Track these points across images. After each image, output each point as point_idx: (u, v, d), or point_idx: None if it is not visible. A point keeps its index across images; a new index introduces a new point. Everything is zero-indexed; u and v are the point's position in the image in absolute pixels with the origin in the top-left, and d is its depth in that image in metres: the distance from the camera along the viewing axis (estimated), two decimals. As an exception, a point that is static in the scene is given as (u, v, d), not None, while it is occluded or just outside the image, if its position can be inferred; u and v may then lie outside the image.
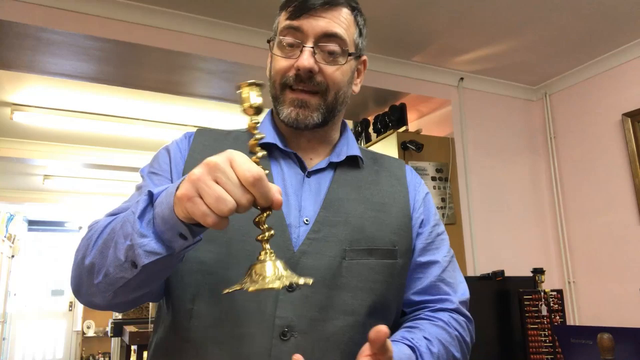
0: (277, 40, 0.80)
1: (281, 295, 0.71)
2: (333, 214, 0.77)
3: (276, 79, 0.80)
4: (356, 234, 0.77)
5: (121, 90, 3.08)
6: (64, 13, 2.15)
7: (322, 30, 0.77)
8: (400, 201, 0.85)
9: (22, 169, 4.93)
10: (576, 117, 3.09)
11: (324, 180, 0.82)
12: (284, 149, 0.83)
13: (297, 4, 0.78)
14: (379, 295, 0.76)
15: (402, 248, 0.81)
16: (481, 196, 2.99)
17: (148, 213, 0.62)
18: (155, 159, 0.85)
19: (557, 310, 1.48)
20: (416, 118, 3.29)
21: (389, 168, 0.90)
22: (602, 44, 2.77)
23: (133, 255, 0.61)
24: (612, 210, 2.83)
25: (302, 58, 0.76)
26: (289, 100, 0.79)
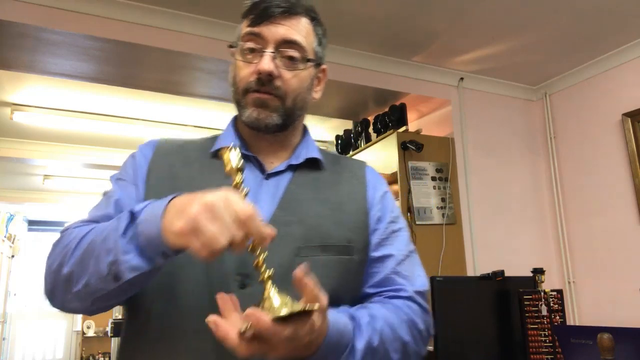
0: (238, 46, 0.84)
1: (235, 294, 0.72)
2: (288, 214, 0.80)
3: (239, 85, 0.83)
4: (310, 232, 0.79)
5: (121, 90, 3.08)
6: (64, 13, 2.15)
7: (281, 36, 0.81)
8: (358, 200, 0.88)
9: (22, 169, 4.93)
10: (576, 117, 3.09)
11: (282, 182, 0.85)
12: (244, 152, 0.85)
13: (257, 12, 0.82)
14: (331, 290, 0.75)
15: (358, 245, 0.83)
16: (481, 196, 2.99)
17: (130, 230, 0.65)
18: (123, 166, 0.89)
19: (557, 310, 1.48)
20: (416, 118, 3.29)
21: (350, 169, 0.93)
22: (602, 44, 2.77)
23: (116, 270, 0.64)
24: (612, 210, 2.83)
25: (262, 62, 0.79)
26: (251, 100, 0.82)
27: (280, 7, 0.82)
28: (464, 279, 2.07)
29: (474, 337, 1.53)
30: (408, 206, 2.67)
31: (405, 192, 2.68)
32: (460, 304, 1.52)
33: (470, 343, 1.52)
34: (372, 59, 2.83)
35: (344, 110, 3.28)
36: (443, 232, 2.72)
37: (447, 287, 1.52)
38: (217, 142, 0.89)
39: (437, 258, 2.67)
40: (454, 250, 2.75)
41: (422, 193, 2.73)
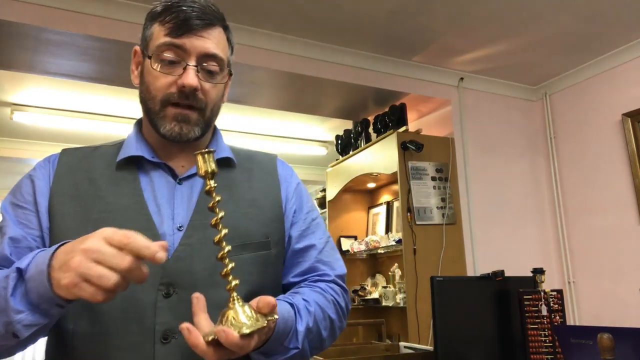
0: (155, 55, 0.81)
1: (159, 303, 0.74)
2: (205, 217, 0.79)
3: (156, 95, 0.81)
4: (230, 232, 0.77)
5: (121, 90, 3.08)
6: (64, 13, 2.15)
7: (204, 50, 0.81)
8: (272, 194, 0.89)
9: (22, 169, 4.93)
10: (576, 117, 3.09)
11: (196, 185, 0.84)
12: (152, 160, 0.84)
13: (177, 22, 0.80)
14: (255, 285, 0.80)
15: (275, 238, 0.86)
16: (481, 196, 2.99)
17: (20, 287, 0.64)
18: (18, 189, 0.83)
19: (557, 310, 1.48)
20: (416, 118, 3.29)
21: (261, 164, 0.93)
22: (602, 44, 2.77)
23: (13, 329, 0.64)
24: (612, 210, 2.83)
25: (188, 77, 0.79)
26: (172, 115, 0.81)
27: (201, 20, 0.81)
28: (464, 279, 2.07)
29: (473, 337, 1.53)
30: (408, 206, 2.67)
31: (405, 192, 2.68)
32: (460, 304, 1.52)
33: (470, 343, 1.52)
34: (372, 59, 2.83)
35: (344, 110, 3.28)
36: (443, 232, 2.72)
37: (447, 287, 1.52)
38: (123, 150, 0.86)
39: (437, 258, 2.67)
40: (454, 250, 2.75)
41: (422, 193, 2.73)
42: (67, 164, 0.84)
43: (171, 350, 0.73)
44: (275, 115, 3.71)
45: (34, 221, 0.79)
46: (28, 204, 0.80)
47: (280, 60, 2.59)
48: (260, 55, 2.53)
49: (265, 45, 2.53)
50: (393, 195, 3.31)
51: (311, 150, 4.47)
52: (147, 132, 0.88)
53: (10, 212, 0.80)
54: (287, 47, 2.58)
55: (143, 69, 0.84)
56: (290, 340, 0.75)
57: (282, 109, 3.27)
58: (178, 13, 0.80)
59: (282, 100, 3.10)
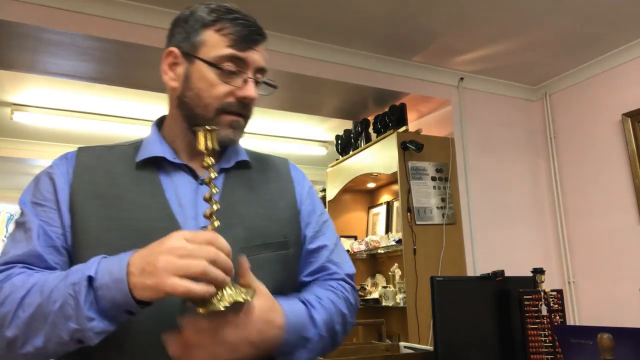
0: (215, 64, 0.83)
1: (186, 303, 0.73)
2: (228, 217, 0.81)
3: (212, 102, 0.83)
4: (251, 232, 0.83)
5: (121, 90, 3.08)
6: (64, 13, 2.15)
7: (259, 64, 0.86)
8: (287, 196, 0.93)
9: (22, 169, 4.93)
10: (576, 117, 3.09)
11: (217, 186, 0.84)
12: (174, 161, 0.86)
13: (241, 36, 0.84)
14: (277, 283, 0.82)
15: (292, 238, 0.89)
16: (481, 196, 2.99)
17: (89, 295, 0.65)
18: (37, 188, 0.82)
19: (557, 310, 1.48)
20: (416, 118, 3.29)
21: (275, 167, 0.97)
22: (602, 44, 2.77)
23: (81, 336, 0.65)
24: (612, 210, 2.83)
25: (250, 89, 0.84)
26: (227, 122, 0.84)
27: (260, 35, 0.87)
28: (464, 279, 2.07)
29: (474, 337, 1.53)
30: (408, 206, 2.67)
31: (405, 192, 2.68)
32: (460, 304, 1.52)
33: (470, 343, 1.52)
34: (372, 59, 2.83)
35: (344, 110, 3.28)
36: (443, 232, 2.72)
37: (447, 287, 1.51)
38: (143, 150, 0.87)
39: (437, 258, 2.67)
40: (454, 250, 2.75)
41: (422, 193, 2.73)
42: (85, 162, 0.85)
43: None
44: (275, 115, 3.70)
45: (55, 219, 0.79)
46: (48, 201, 0.80)
47: (280, 60, 2.59)
48: (260, 55, 2.53)
49: (265, 45, 2.52)
50: (393, 195, 3.31)
51: (311, 150, 4.47)
52: (172, 133, 0.90)
53: (31, 211, 0.79)
54: (287, 47, 2.58)
55: (190, 74, 0.85)
56: (309, 328, 0.78)
57: (282, 109, 3.27)
58: (240, 26, 0.84)
59: (282, 100, 3.10)
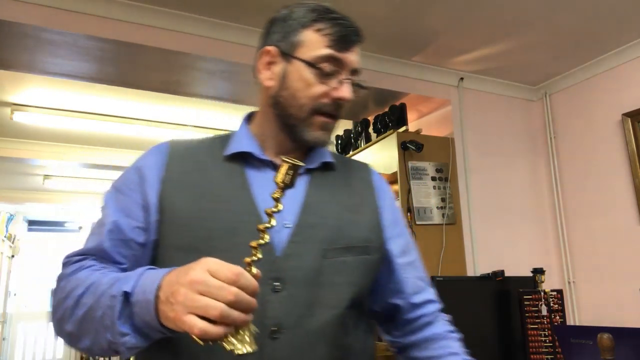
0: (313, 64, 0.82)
1: (268, 296, 0.74)
2: (312, 217, 0.82)
3: (306, 102, 0.83)
4: (334, 234, 0.82)
5: (121, 90, 3.08)
6: (64, 13, 2.15)
7: (355, 65, 0.85)
8: (370, 201, 0.92)
9: (22, 169, 4.93)
10: (576, 117, 3.09)
11: (301, 185, 0.85)
12: (260, 157, 0.86)
13: (340, 36, 0.83)
14: (359, 287, 0.82)
15: (375, 244, 0.87)
16: (481, 196, 2.99)
17: (125, 310, 0.65)
18: (123, 180, 0.84)
19: (557, 310, 1.48)
20: (416, 118, 3.29)
21: (357, 171, 0.96)
22: (602, 44, 2.77)
23: (115, 348, 0.66)
24: (612, 210, 2.83)
25: (346, 90, 0.84)
26: (320, 123, 0.84)
27: (358, 36, 0.86)
28: (464, 279, 2.07)
29: (474, 337, 1.53)
30: (408, 206, 2.67)
31: (405, 192, 2.68)
32: (460, 304, 1.52)
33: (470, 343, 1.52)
34: (372, 59, 2.83)
35: (343, 110, 3.27)
36: (443, 232, 2.72)
37: (447, 287, 1.52)
38: (231, 145, 0.87)
39: (437, 258, 2.67)
40: (454, 250, 2.75)
41: (422, 193, 2.73)
42: (177, 153, 0.86)
43: (279, 346, 0.73)
44: (275, 115, 3.70)
45: (135, 211, 0.79)
46: (133, 191, 0.81)
47: (280, 60, 2.58)
48: (260, 55, 2.53)
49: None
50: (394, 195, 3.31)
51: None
52: (261, 130, 0.90)
53: (112, 202, 0.81)
54: (287, 47, 2.58)
55: (287, 73, 0.84)
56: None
57: (282, 109, 3.26)
58: (339, 26, 0.84)
59: (282, 100, 3.09)
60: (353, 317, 0.81)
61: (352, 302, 0.79)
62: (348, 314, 0.79)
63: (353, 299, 0.79)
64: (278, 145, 0.88)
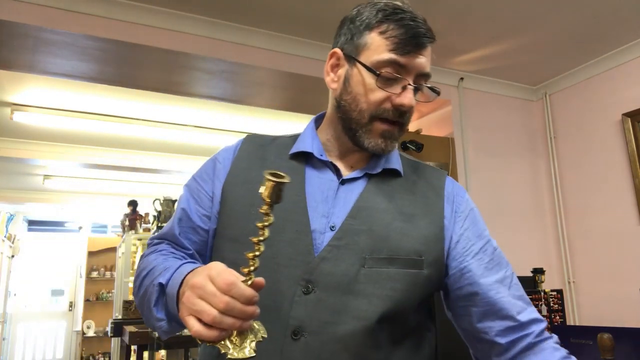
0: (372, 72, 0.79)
1: (297, 297, 0.74)
2: (358, 223, 0.79)
3: (367, 108, 0.80)
4: (379, 243, 0.78)
5: (121, 90, 3.08)
6: (64, 13, 2.15)
7: (422, 69, 0.80)
8: (433, 212, 0.84)
9: (22, 169, 4.93)
10: (576, 117, 3.09)
11: (357, 189, 0.83)
12: (320, 158, 0.86)
13: (404, 39, 0.77)
14: (395, 302, 0.76)
15: (430, 258, 0.80)
16: (481, 196, 2.99)
17: (161, 299, 0.74)
18: (202, 168, 0.91)
19: (557, 310, 1.48)
20: (416, 118, 3.29)
21: (428, 179, 0.90)
22: (602, 44, 2.77)
23: (155, 329, 0.76)
24: (612, 210, 2.83)
25: (408, 97, 0.79)
26: (380, 130, 0.81)
27: (427, 38, 0.79)
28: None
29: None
30: (408, 206, 2.66)
31: (405, 192, 2.68)
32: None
33: (470, 343, 1.53)
34: (372, 59, 2.82)
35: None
36: (443, 232, 2.72)
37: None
38: (297, 144, 0.88)
39: (437, 258, 2.66)
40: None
41: (422, 193, 2.73)
42: (246, 150, 0.90)
43: (299, 348, 0.72)
44: (275, 115, 3.70)
45: (204, 199, 0.86)
46: (205, 182, 0.88)
47: (280, 60, 2.59)
48: (260, 55, 2.53)
49: (265, 45, 2.52)
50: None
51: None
52: (326, 131, 0.89)
53: (188, 189, 0.89)
54: (287, 47, 2.58)
55: (350, 77, 0.82)
56: None
57: (282, 109, 3.27)
58: (404, 28, 0.78)
59: (282, 100, 3.10)
60: (389, 331, 0.76)
61: (383, 316, 0.74)
62: (377, 328, 0.74)
63: (385, 313, 0.74)
64: (340, 148, 0.87)
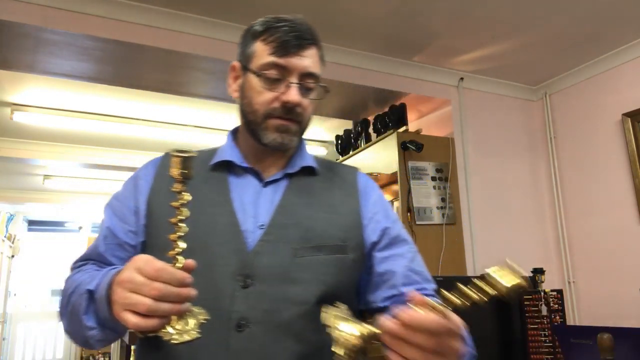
0: (259, 73, 0.87)
1: (236, 292, 0.79)
2: (285, 218, 0.87)
3: (259, 109, 0.88)
4: (306, 234, 0.86)
5: (121, 90, 3.08)
6: (64, 13, 2.15)
7: (304, 69, 0.88)
8: (351, 203, 0.94)
9: (22, 169, 4.93)
10: (576, 117, 3.09)
11: (279, 188, 0.91)
12: (241, 165, 0.93)
13: (281, 42, 0.86)
14: (329, 286, 0.83)
15: (352, 243, 0.89)
16: (481, 196, 2.99)
17: (91, 306, 0.73)
18: (124, 186, 0.95)
19: (557, 310, 1.48)
20: (416, 118, 3.29)
21: (342, 175, 0.99)
22: (602, 44, 2.77)
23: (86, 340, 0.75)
24: (612, 210, 2.83)
25: (291, 94, 0.86)
26: (274, 126, 0.88)
27: (303, 40, 0.87)
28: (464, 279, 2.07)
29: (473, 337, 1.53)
30: (408, 206, 2.67)
31: (405, 192, 2.68)
32: (460, 304, 1.52)
33: (470, 343, 1.53)
34: (372, 59, 2.83)
35: (344, 110, 3.28)
36: (443, 232, 2.72)
37: (447, 287, 1.51)
38: (217, 155, 0.94)
39: (437, 258, 2.67)
40: (454, 250, 2.75)
41: (422, 193, 2.73)
42: (167, 164, 0.92)
43: (245, 338, 0.77)
44: (275, 115, 3.70)
45: (128, 216, 0.89)
46: (127, 199, 0.91)
47: (280, 60, 2.59)
48: (260, 55, 2.53)
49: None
50: (393, 195, 3.31)
51: (311, 150, 4.40)
52: (242, 140, 0.96)
53: (109, 208, 0.92)
54: (287, 47, 2.58)
55: (244, 84, 0.91)
56: (470, 345, 0.78)
57: (282, 109, 3.27)
58: (280, 34, 0.87)
59: (282, 100, 3.09)
60: None
61: (320, 299, 0.81)
62: (316, 310, 0.77)
63: (322, 296, 0.81)
64: (257, 154, 0.94)
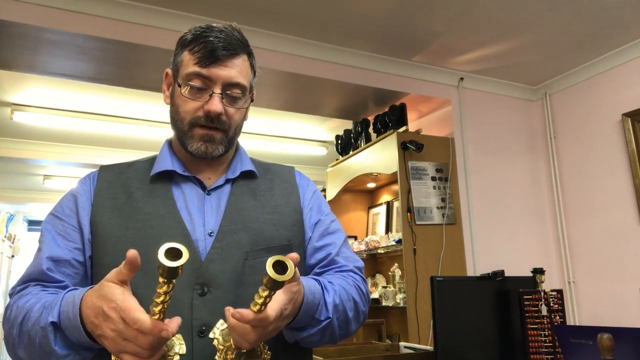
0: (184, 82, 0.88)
1: (195, 301, 0.81)
2: (233, 223, 0.88)
3: (185, 117, 0.89)
4: (255, 237, 0.88)
5: (121, 90, 3.08)
6: (64, 13, 2.15)
7: (228, 79, 0.87)
8: (292, 202, 0.97)
9: (22, 169, 4.93)
10: (576, 117, 3.09)
11: (223, 195, 0.93)
12: (183, 173, 0.92)
13: (205, 52, 0.86)
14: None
15: (296, 241, 0.93)
16: (481, 196, 2.99)
17: (59, 335, 0.72)
18: (60, 206, 0.91)
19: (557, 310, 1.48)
20: (416, 118, 3.29)
21: (280, 175, 1.01)
22: (602, 44, 2.77)
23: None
24: (612, 210, 2.83)
25: (213, 103, 0.86)
26: (199, 135, 0.89)
27: (226, 50, 0.87)
28: (464, 279, 2.07)
29: (473, 337, 1.53)
30: (408, 206, 2.67)
31: (405, 192, 2.68)
32: (460, 304, 1.52)
33: (470, 343, 1.52)
34: (372, 59, 2.83)
35: (344, 110, 3.28)
36: (443, 232, 2.72)
37: (447, 287, 1.51)
38: (156, 165, 0.93)
39: (437, 258, 2.67)
40: (454, 250, 2.75)
41: (422, 193, 2.73)
42: (105, 179, 0.92)
43: (207, 343, 0.79)
44: (275, 115, 3.71)
45: (73, 234, 0.86)
46: (69, 217, 0.88)
47: (280, 60, 2.59)
48: (260, 55, 2.52)
49: (265, 45, 2.53)
50: (393, 195, 3.31)
51: (311, 150, 4.47)
52: (177, 148, 0.96)
53: (50, 227, 0.88)
54: (287, 47, 2.58)
55: (173, 92, 0.92)
56: (321, 311, 0.81)
57: (282, 109, 3.27)
58: (206, 44, 0.87)
59: (282, 100, 3.10)
60: None
61: None
62: None
63: None
64: (193, 161, 0.94)
